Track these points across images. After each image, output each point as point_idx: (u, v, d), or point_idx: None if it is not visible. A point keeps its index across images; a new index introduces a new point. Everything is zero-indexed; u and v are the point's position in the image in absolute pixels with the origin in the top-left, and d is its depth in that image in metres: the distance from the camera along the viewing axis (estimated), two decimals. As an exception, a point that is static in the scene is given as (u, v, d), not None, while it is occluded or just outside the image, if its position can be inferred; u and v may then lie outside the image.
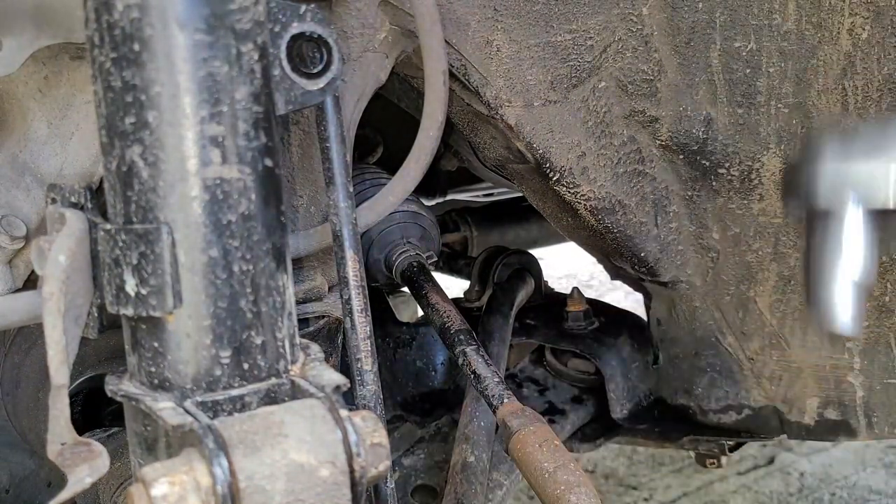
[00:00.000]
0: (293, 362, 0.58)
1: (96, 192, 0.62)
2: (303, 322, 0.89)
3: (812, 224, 0.71)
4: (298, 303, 0.86)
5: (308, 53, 0.64)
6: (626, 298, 2.65)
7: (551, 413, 1.32)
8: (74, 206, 0.63)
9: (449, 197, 1.64)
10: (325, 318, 0.89)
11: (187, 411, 0.53)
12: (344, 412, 0.53)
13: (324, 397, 0.54)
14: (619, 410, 1.26)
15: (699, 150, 0.95)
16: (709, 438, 1.22)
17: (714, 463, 1.30)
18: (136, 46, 0.52)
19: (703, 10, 0.90)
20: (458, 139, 1.19)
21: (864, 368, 1.10)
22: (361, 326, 0.75)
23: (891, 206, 0.66)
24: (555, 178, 0.94)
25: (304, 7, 0.62)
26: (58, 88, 0.74)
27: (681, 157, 0.97)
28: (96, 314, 0.61)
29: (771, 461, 2.41)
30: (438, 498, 1.21)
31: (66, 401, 0.54)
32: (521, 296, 1.42)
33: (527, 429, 0.82)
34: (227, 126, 0.54)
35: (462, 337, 0.97)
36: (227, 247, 0.54)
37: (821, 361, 1.11)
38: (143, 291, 0.54)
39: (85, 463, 0.53)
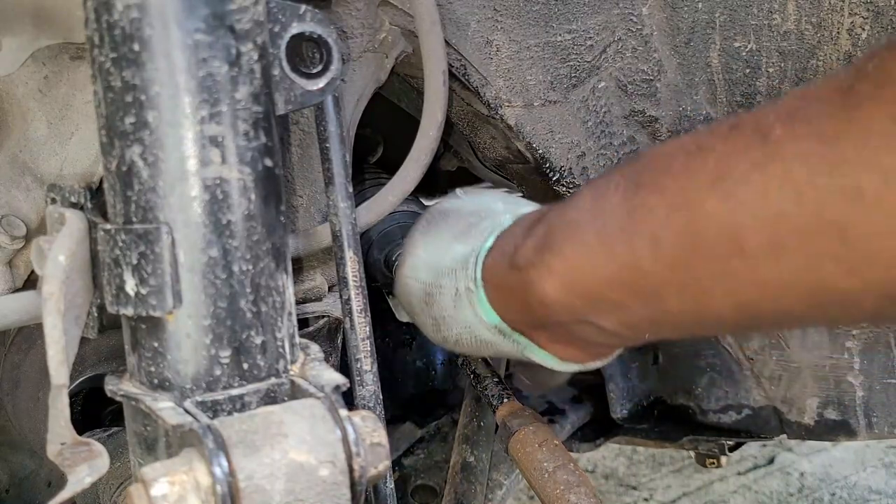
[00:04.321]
0: (293, 362, 0.58)
1: (96, 192, 0.62)
2: (303, 322, 0.89)
3: None
4: (298, 303, 0.86)
5: (308, 53, 0.64)
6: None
7: (551, 413, 1.32)
8: (74, 206, 0.63)
9: (449, 197, 1.64)
10: (325, 318, 0.89)
11: (187, 411, 0.54)
12: (343, 412, 0.53)
13: (323, 397, 0.54)
14: (618, 410, 1.26)
15: (699, 150, 0.95)
16: (709, 438, 1.22)
17: (714, 463, 1.30)
18: (136, 46, 0.52)
19: (703, 10, 0.90)
20: (458, 139, 1.19)
21: (863, 368, 1.10)
22: (361, 326, 0.75)
23: None
24: (555, 178, 0.94)
25: (303, 7, 0.62)
26: (58, 88, 0.74)
27: (681, 157, 0.97)
28: (96, 314, 0.61)
29: (771, 461, 2.41)
30: (438, 498, 1.21)
31: (66, 401, 0.54)
32: (521, 296, 1.42)
33: (527, 429, 0.82)
34: (227, 126, 0.54)
35: (462, 337, 0.97)
36: (227, 247, 0.54)
37: (820, 361, 1.11)
38: (143, 291, 0.54)
39: (85, 463, 0.53)
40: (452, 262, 0.77)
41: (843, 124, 0.50)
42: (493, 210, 0.80)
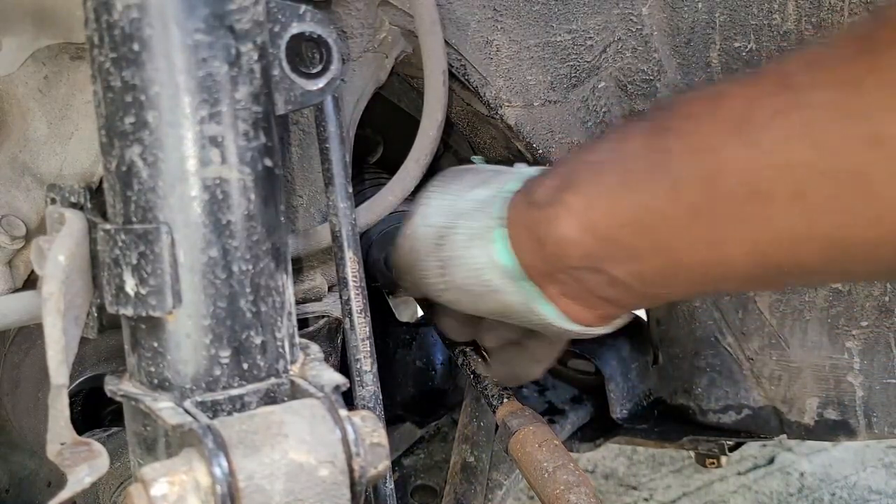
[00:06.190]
0: (293, 362, 0.59)
1: (96, 192, 0.62)
2: (303, 322, 0.89)
3: None
4: (298, 303, 0.86)
5: (308, 53, 0.64)
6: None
7: (551, 413, 1.32)
8: (74, 206, 0.63)
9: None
10: (325, 318, 0.89)
11: (187, 411, 0.54)
12: (343, 412, 0.53)
13: (323, 397, 0.54)
14: (618, 410, 1.26)
15: (699, 150, 0.95)
16: (709, 438, 1.22)
17: (714, 463, 1.30)
18: (136, 46, 0.52)
19: (703, 10, 0.90)
20: (458, 139, 1.19)
21: (863, 368, 1.10)
22: (361, 327, 0.75)
23: None
24: (555, 178, 0.94)
25: (303, 7, 0.62)
26: (58, 88, 0.74)
27: (681, 157, 0.97)
28: (96, 314, 0.61)
29: (771, 461, 2.41)
30: (438, 498, 1.21)
31: (66, 401, 0.54)
32: (521, 296, 1.42)
33: (526, 429, 0.82)
34: (227, 126, 0.54)
35: (462, 337, 0.97)
36: (227, 247, 0.54)
37: (820, 361, 1.11)
38: (143, 291, 0.54)
39: (85, 463, 0.53)
40: (473, 203, 0.76)
41: (863, 71, 0.50)
42: (515, 167, 0.81)
